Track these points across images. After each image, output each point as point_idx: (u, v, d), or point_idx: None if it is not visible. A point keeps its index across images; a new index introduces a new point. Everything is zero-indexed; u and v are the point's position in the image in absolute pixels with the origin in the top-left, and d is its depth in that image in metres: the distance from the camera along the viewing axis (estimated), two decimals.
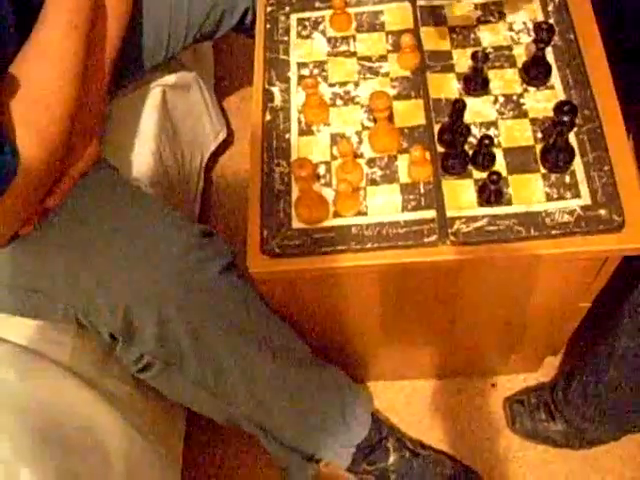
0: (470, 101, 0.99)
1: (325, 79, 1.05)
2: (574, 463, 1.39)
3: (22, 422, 0.93)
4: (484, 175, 0.91)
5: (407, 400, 1.48)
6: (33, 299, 0.98)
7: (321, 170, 0.97)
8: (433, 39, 1.05)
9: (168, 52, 1.28)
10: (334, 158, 0.97)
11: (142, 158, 1.27)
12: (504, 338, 1.26)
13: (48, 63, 0.89)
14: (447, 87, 1.01)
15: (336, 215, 0.93)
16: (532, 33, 1.01)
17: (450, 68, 1.03)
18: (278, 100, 1.03)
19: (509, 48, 1.03)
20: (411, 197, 0.93)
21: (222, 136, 1.71)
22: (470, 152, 0.94)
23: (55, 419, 0.98)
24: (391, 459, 1.30)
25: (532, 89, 1.00)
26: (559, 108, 0.87)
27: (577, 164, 0.93)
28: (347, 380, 1.25)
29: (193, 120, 1.55)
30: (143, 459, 1.13)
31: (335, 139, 0.99)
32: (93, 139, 1.01)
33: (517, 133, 0.96)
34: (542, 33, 0.94)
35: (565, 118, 0.86)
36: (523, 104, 0.99)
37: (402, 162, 0.96)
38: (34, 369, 1.00)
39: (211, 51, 1.80)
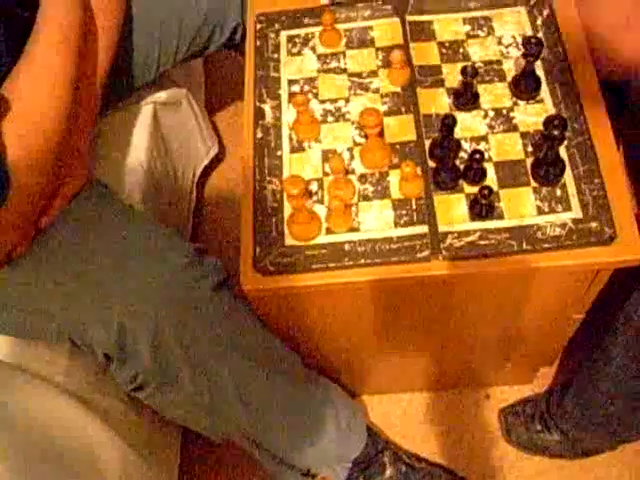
0: (460, 116, 0.99)
1: (316, 96, 1.05)
2: (570, 473, 1.39)
3: (16, 442, 0.93)
4: (475, 190, 0.91)
5: (402, 413, 1.48)
6: (26, 319, 0.98)
7: (313, 187, 0.97)
8: (423, 54, 1.05)
9: (159, 69, 1.29)
10: (326, 175, 0.97)
11: (134, 175, 1.27)
12: (498, 350, 1.27)
13: (40, 81, 0.89)
14: (437, 102, 1.01)
15: (329, 232, 0.93)
16: (521, 47, 1.01)
17: (440, 83, 1.03)
18: (269, 117, 1.04)
19: (498, 62, 1.04)
20: (403, 212, 0.93)
21: (214, 152, 1.72)
22: (461, 167, 0.94)
23: (49, 438, 0.97)
24: (387, 473, 1.30)
25: (522, 103, 1.00)
26: (549, 122, 0.87)
27: (568, 177, 0.93)
28: (342, 394, 1.25)
29: (184, 136, 1.56)
30: (139, 476, 1.13)
31: (326, 156, 0.99)
32: (85, 158, 1.01)
33: (507, 147, 0.97)
34: (531, 47, 0.94)
35: (555, 132, 0.87)
36: (513, 118, 0.99)
37: (394, 178, 0.96)
38: (28, 389, 1.00)
39: (201, 67, 1.81)
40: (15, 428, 0.94)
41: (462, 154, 0.96)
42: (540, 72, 1.01)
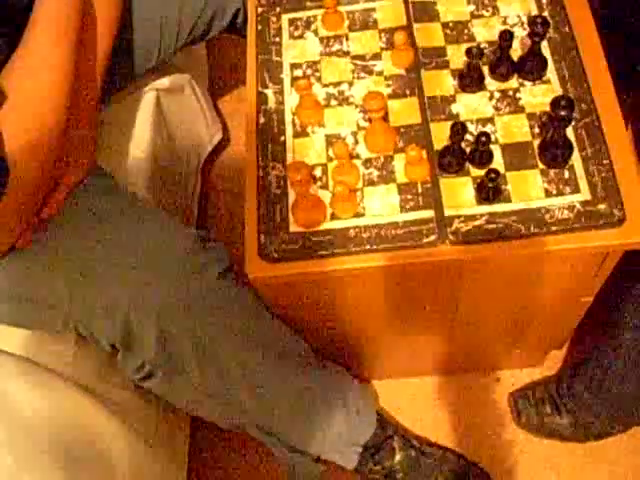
0: (466, 97, 0.98)
1: (319, 79, 1.03)
2: (581, 456, 1.38)
3: (24, 434, 0.93)
4: (482, 173, 0.90)
5: (412, 398, 1.48)
6: (31, 310, 0.98)
7: (317, 172, 0.96)
8: (426, 35, 1.04)
9: (160, 55, 1.27)
10: (330, 160, 0.96)
11: (138, 163, 1.26)
12: (506, 333, 1.26)
13: (37, 72, 0.88)
14: (442, 84, 1.00)
15: (334, 217, 0.92)
16: (527, 27, 1.00)
17: (445, 64, 1.01)
18: (272, 102, 1.02)
19: None
20: (409, 197, 0.92)
21: (218, 138, 1.70)
22: (467, 149, 0.93)
23: (57, 430, 0.97)
24: (397, 458, 1.30)
25: (528, 83, 0.98)
26: (556, 103, 0.85)
27: (576, 159, 0.92)
28: (350, 379, 1.24)
29: (188, 123, 1.54)
30: (147, 466, 1.13)
31: (330, 140, 0.98)
32: (87, 147, 1.00)
33: (514, 129, 0.95)
34: (537, 27, 0.93)
35: (562, 113, 0.85)
36: (519, 99, 0.97)
37: (399, 162, 0.95)
38: (35, 380, 0.99)
39: (205, 52, 1.79)
40: (22, 420, 0.94)
41: (468, 136, 0.94)
42: (546, 52, 0.99)
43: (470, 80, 0.98)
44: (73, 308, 0.96)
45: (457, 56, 1.01)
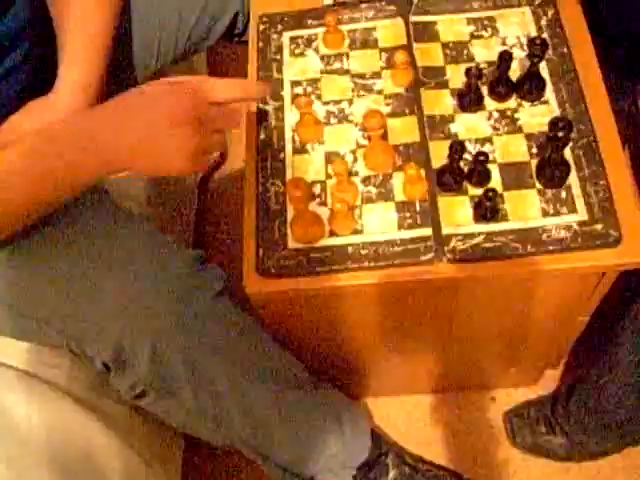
0: (465, 117, 0.99)
1: (319, 97, 1.04)
2: (575, 475, 1.38)
3: (20, 446, 0.93)
4: (480, 192, 0.90)
5: (407, 415, 1.48)
6: (27, 324, 0.97)
7: (316, 189, 0.96)
8: (426, 55, 1.05)
9: (158, 62, 1.26)
10: (329, 177, 0.97)
11: (136, 179, 1.27)
12: (502, 352, 1.26)
13: None
14: (441, 103, 1.01)
15: (332, 234, 0.93)
16: (526, 48, 1.01)
17: (444, 84, 1.02)
18: (272, 119, 1.03)
19: None
20: (407, 215, 0.93)
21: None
22: (465, 169, 0.94)
23: (53, 443, 0.97)
24: (391, 475, 1.29)
25: (527, 104, 0.99)
26: (554, 124, 0.86)
27: (573, 179, 0.92)
28: (344, 400, 1.23)
29: None
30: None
31: (330, 158, 0.98)
32: None
33: (512, 148, 0.96)
34: (536, 48, 0.94)
35: (560, 134, 0.86)
36: (518, 119, 0.98)
37: (397, 180, 0.95)
38: (32, 392, 0.99)
39: (205, 68, 1.80)
40: (17, 432, 0.94)
41: (466, 156, 0.95)
42: (545, 73, 1.00)
43: (469, 100, 0.99)
44: (65, 327, 0.95)
45: (456, 76, 1.02)
